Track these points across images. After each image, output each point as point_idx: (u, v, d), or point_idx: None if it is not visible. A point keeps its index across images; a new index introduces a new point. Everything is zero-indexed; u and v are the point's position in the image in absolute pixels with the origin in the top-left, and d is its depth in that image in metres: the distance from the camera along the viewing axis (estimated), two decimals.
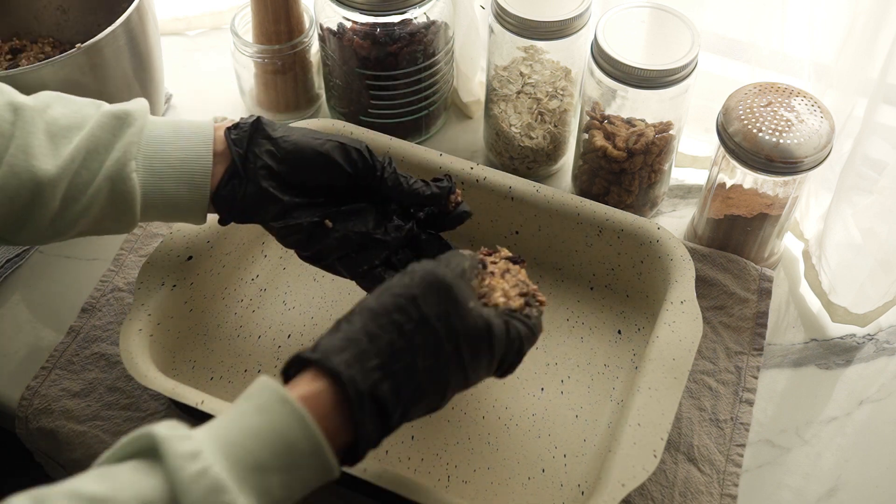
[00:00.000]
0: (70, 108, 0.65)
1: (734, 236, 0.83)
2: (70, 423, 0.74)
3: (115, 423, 0.74)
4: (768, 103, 0.76)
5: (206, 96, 1.01)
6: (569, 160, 0.93)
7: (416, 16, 0.86)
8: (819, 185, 0.85)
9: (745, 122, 0.75)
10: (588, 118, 0.84)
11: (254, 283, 0.82)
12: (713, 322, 0.80)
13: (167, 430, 0.47)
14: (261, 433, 0.49)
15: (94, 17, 0.96)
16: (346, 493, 0.69)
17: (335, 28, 0.87)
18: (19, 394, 0.76)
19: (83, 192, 0.64)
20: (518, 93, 0.86)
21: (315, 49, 0.95)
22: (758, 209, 0.80)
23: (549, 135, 0.89)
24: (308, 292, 0.82)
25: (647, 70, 0.76)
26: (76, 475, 0.46)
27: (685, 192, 0.93)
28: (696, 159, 0.93)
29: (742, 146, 0.75)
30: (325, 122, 0.83)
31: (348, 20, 0.86)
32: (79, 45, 0.78)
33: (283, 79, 0.95)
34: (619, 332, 0.79)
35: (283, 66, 0.93)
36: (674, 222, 0.90)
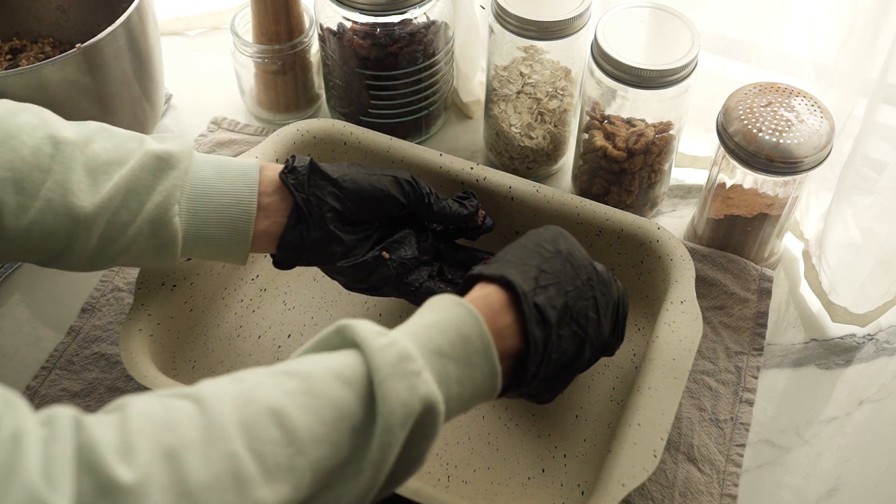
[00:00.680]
0: (112, 143, 0.63)
1: (734, 236, 0.83)
2: None
3: None
4: (768, 103, 0.76)
5: (206, 96, 1.01)
6: (569, 160, 0.93)
7: (416, 16, 0.86)
8: (819, 185, 0.85)
9: (745, 122, 0.75)
10: (588, 118, 0.84)
11: (254, 283, 0.82)
12: (713, 322, 0.80)
13: (352, 320, 0.52)
14: (439, 324, 0.53)
15: (94, 17, 0.96)
16: None
17: (335, 28, 0.87)
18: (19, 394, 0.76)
19: (122, 233, 0.63)
20: (518, 93, 0.86)
21: (315, 49, 0.95)
22: (758, 209, 0.80)
23: (549, 135, 0.89)
24: (308, 292, 0.82)
25: (647, 70, 0.76)
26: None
27: (685, 192, 0.93)
28: (696, 159, 0.93)
29: (742, 146, 0.75)
30: (325, 122, 0.83)
31: (348, 20, 0.86)
32: (79, 45, 0.78)
33: (283, 79, 0.95)
34: None
35: (283, 66, 0.93)
36: (674, 222, 0.90)
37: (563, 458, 0.72)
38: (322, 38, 0.90)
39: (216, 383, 0.47)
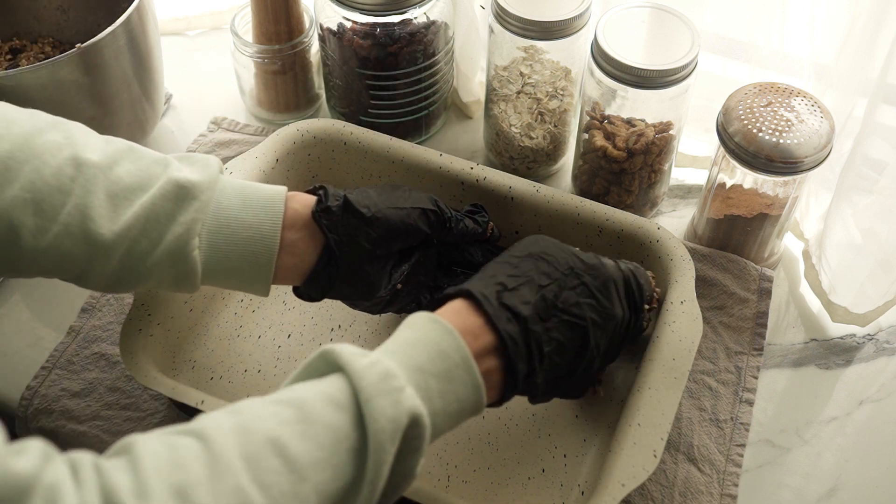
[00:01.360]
0: (136, 167, 0.62)
1: (734, 236, 0.83)
2: (70, 423, 0.74)
3: (115, 423, 0.74)
4: (768, 103, 0.76)
5: (206, 96, 1.01)
6: (569, 160, 0.93)
7: (416, 16, 0.86)
8: (819, 185, 0.85)
9: (745, 122, 0.75)
10: (588, 118, 0.84)
11: None
12: (713, 322, 0.80)
13: (337, 345, 0.52)
14: (417, 342, 0.54)
15: (94, 17, 0.96)
16: None
17: (335, 28, 0.87)
18: (19, 394, 0.76)
19: (142, 261, 0.61)
20: (518, 93, 0.86)
21: (315, 49, 0.95)
22: (758, 209, 0.80)
23: (549, 135, 0.89)
24: None
25: (647, 70, 0.76)
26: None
27: (685, 192, 0.93)
28: (696, 159, 0.93)
29: (742, 146, 0.75)
30: (325, 122, 0.83)
31: (348, 20, 0.86)
32: (79, 45, 0.78)
33: (283, 79, 0.95)
34: None
35: (283, 66, 0.93)
36: (674, 222, 0.90)
37: (563, 458, 0.72)
38: (322, 38, 0.90)
39: (215, 418, 0.48)
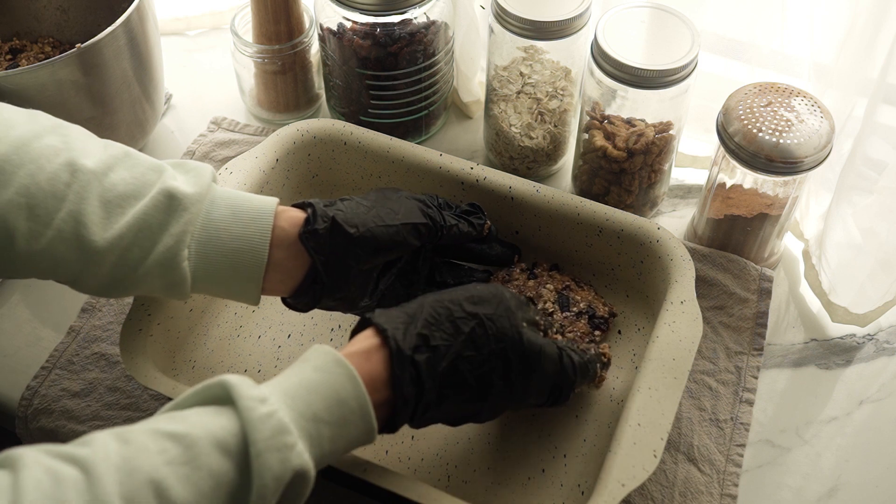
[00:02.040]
0: (132, 174, 0.62)
1: (734, 236, 0.83)
2: (70, 423, 0.74)
3: (115, 423, 0.74)
4: (768, 103, 0.76)
5: (206, 96, 1.01)
6: (569, 160, 0.93)
7: (416, 16, 0.86)
8: (819, 185, 0.85)
9: (745, 122, 0.75)
10: (588, 118, 0.84)
11: None
12: (713, 322, 0.80)
13: (237, 378, 0.52)
14: (318, 388, 0.54)
15: (94, 17, 0.96)
16: (347, 493, 0.69)
17: (335, 28, 0.87)
18: (19, 394, 0.76)
19: (134, 269, 0.62)
20: (518, 93, 0.86)
21: (315, 49, 0.95)
22: (758, 209, 0.80)
23: (549, 135, 0.89)
24: None
25: (647, 70, 0.76)
26: (147, 419, 0.51)
27: (685, 192, 0.93)
28: (696, 159, 0.93)
29: (742, 146, 0.75)
30: (325, 122, 0.83)
31: (348, 20, 0.86)
32: (79, 45, 0.78)
33: (283, 79, 0.95)
34: (619, 332, 0.79)
35: (283, 66, 0.93)
36: (674, 222, 0.90)
37: (563, 458, 0.72)
38: (322, 38, 0.90)
39: (104, 444, 0.48)
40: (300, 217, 0.66)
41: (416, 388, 0.58)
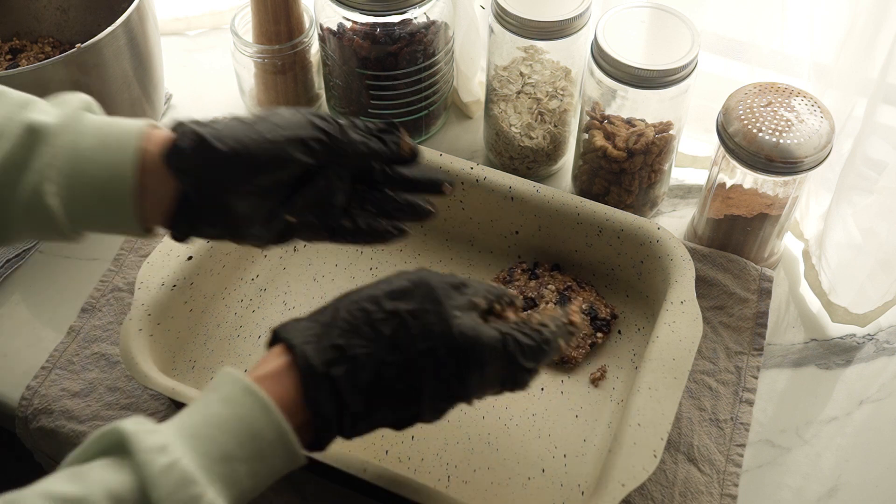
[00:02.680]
0: None
1: (734, 236, 0.83)
2: (70, 423, 0.74)
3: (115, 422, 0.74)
4: (768, 103, 0.76)
5: (206, 96, 1.01)
6: (569, 160, 0.93)
7: (416, 16, 0.86)
8: (819, 185, 0.85)
9: (745, 122, 0.75)
10: (588, 118, 0.84)
11: (254, 283, 0.82)
12: (713, 322, 0.80)
13: (134, 424, 0.48)
14: (226, 424, 0.50)
15: (94, 17, 0.96)
16: (347, 493, 0.69)
17: (335, 28, 0.87)
18: (19, 394, 0.76)
19: (4, 210, 0.57)
20: (518, 93, 0.86)
21: (315, 49, 0.95)
22: (758, 209, 0.80)
23: (549, 135, 0.89)
24: (308, 292, 0.82)
25: (647, 70, 0.76)
26: (46, 476, 0.47)
27: (685, 192, 0.93)
28: (696, 159, 0.93)
29: (742, 146, 0.75)
30: None
31: (348, 20, 0.86)
32: (79, 45, 0.78)
33: (283, 79, 0.95)
34: (619, 332, 0.79)
35: (283, 66, 0.93)
36: (674, 222, 0.90)
37: (563, 458, 0.72)
38: (322, 38, 0.90)
39: None
40: (169, 138, 0.58)
41: (335, 405, 0.53)
